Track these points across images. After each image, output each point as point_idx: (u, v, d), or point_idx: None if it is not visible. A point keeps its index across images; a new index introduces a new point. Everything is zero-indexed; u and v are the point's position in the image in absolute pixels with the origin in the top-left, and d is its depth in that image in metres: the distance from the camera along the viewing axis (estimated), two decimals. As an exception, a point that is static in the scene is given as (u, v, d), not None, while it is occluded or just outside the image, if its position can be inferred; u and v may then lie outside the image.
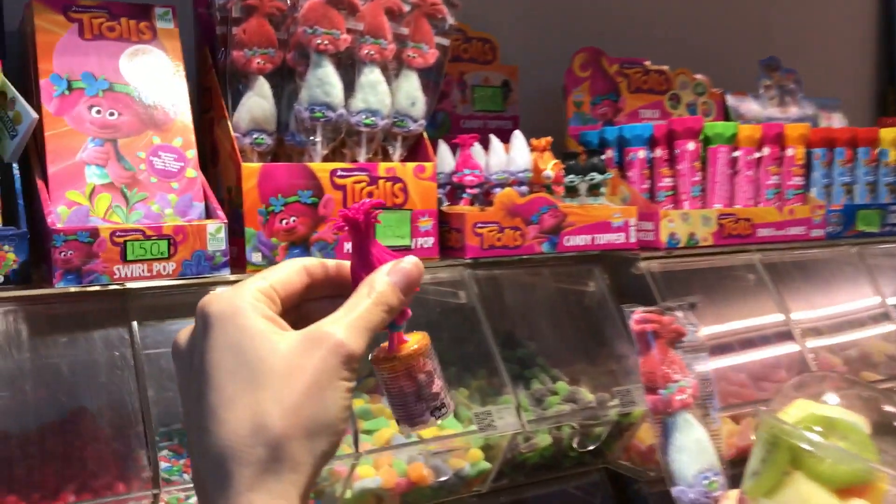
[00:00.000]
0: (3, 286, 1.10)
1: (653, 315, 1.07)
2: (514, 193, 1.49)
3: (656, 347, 1.06)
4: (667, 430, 1.05)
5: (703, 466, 1.03)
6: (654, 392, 1.05)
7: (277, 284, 0.60)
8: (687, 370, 1.07)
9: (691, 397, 1.05)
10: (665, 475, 1.06)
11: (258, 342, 0.55)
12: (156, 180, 1.25)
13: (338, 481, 1.30)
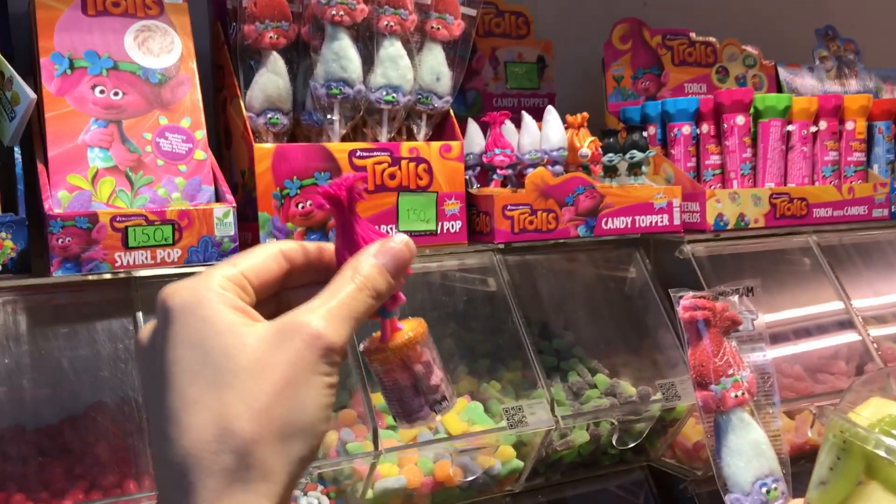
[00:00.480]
0: (1, 275, 1.04)
1: (704, 301, 0.95)
2: (546, 173, 1.39)
3: (708, 337, 0.95)
4: (720, 431, 0.95)
5: (762, 472, 0.92)
6: (706, 388, 0.94)
7: (249, 271, 0.53)
8: (743, 363, 0.96)
9: (748, 393, 0.94)
10: (718, 480, 0.95)
11: (224, 336, 0.48)
12: (163, 163, 1.19)
13: (359, 480, 1.22)
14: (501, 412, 1.24)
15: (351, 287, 0.52)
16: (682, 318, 0.96)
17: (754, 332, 0.98)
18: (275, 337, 0.49)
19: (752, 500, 0.92)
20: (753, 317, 0.99)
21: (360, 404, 1.34)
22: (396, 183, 1.33)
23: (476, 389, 1.44)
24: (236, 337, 0.48)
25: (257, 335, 0.49)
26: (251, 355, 0.48)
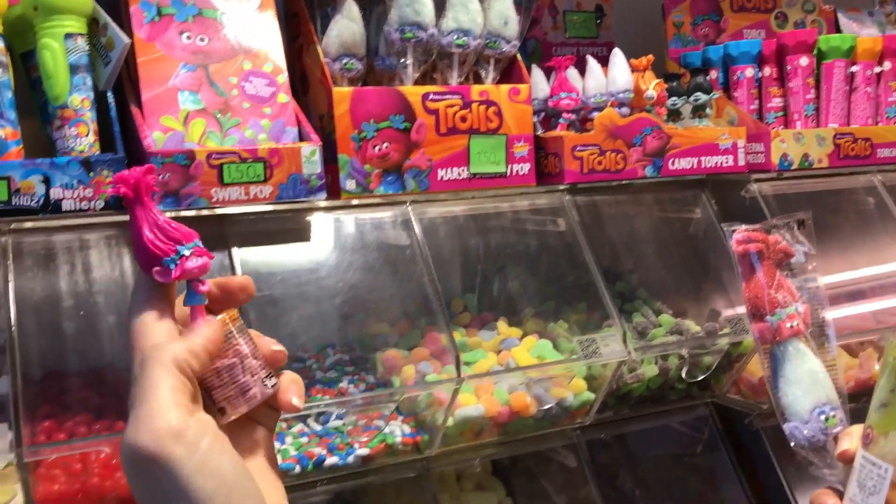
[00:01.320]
0: (103, 211, 1.10)
1: (757, 234, 0.95)
2: (614, 114, 1.42)
3: (762, 270, 0.94)
4: (776, 362, 0.94)
5: (819, 400, 0.92)
6: (761, 319, 0.94)
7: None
8: (797, 294, 0.97)
9: (803, 324, 0.94)
10: (776, 410, 0.95)
11: None
12: (248, 106, 1.23)
13: (438, 410, 1.27)
14: (576, 343, 1.28)
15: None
16: (735, 252, 0.96)
17: (807, 264, 0.98)
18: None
19: (810, 428, 0.92)
20: (806, 249, 0.98)
21: (432, 343, 1.39)
22: (467, 126, 1.36)
23: (543, 329, 1.48)
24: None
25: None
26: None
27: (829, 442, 0.91)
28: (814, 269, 0.99)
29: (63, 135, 1.13)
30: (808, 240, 1.00)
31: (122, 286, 1.15)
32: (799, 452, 0.93)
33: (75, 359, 1.14)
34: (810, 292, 0.98)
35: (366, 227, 1.36)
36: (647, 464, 1.61)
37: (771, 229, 0.98)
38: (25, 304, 1.07)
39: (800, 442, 0.92)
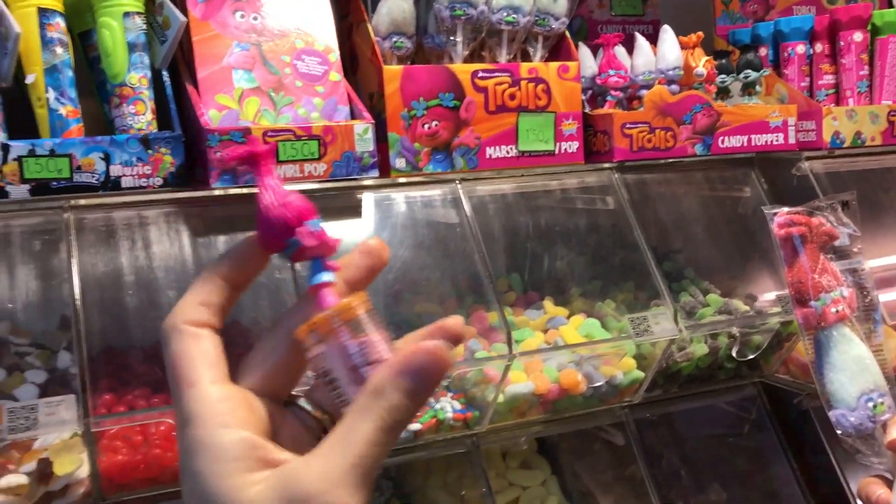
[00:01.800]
0: (162, 188, 1.12)
1: (800, 216, 0.93)
2: (664, 91, 1.41)
3: (805, 253, 0.92)
4: (821, 348, 0.92)
5: (867, 387, 0.90)
6: (805, 304, 0.92)
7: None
8: (841, 278, 0.94)
9: (848, 308, 0.92)
10: (821, 398, 0.93)
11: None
12: (301, 84, 1.24)
13: (487, 386, 1.28)
14: (627, 321, 1.28)
15: (370, 428, 0.41)
16: (777, 235, 0.94)
17: (851, 246, 0.95)
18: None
19: (857, 416, 0.90)
20: (850, 231, 0.96)
21: (478, 321, 1.39)
22: (516, 103, 1.36)
23: (590, 309, 1.48)
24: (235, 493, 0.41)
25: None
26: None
27: (877, 429, 0.89)
28: (859, 251, 0.96)
29: (121, 113, 1.15)
30: (852, 221, 0.97)
31: (181, 261, 1.17)
32: (845, 441, 0.91)
33: (135, 333, 1.16)
34: (856, 275, 0.96)
35: (416, 205, 1.37)
36: (694, 443, 1.60)
37: (814, 211, 0.95)
38: (88, 279, 1.10)
39: (846, 430, 0.89)
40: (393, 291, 1.41)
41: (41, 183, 1.07)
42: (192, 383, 0.45)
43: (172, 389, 0.46)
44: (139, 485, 1.11)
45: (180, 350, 0.46)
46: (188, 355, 0.46)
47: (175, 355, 0.46)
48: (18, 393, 1.17)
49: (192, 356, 0.46)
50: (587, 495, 1.56)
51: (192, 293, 0.48)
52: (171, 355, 0.47)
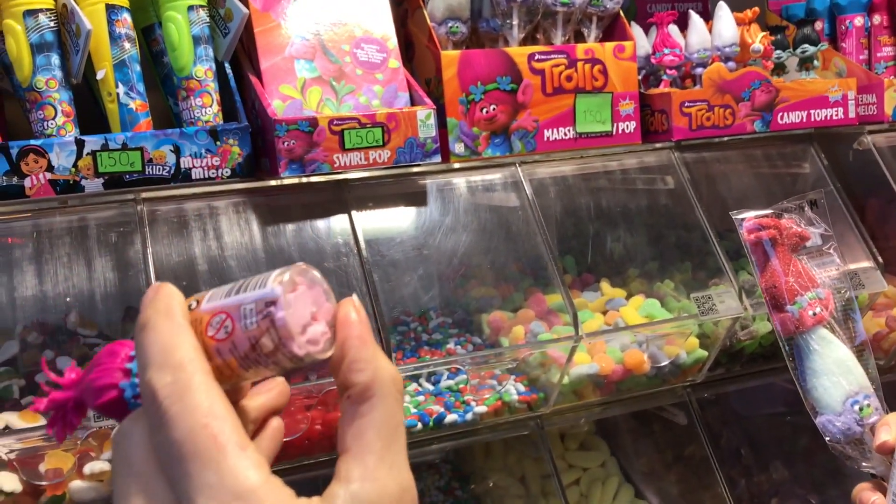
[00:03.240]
0: (230, 179, 1.14)
1: (768, 220, 0.90)
2: (723, 68, 1.39)
3: (777, 257, 0.89)
4: (801, 353, 0.89)
5: (851, 389, 0.86)
6: (782, 309, 0.89)
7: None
8: (816, 280, 0.90)
9: (825, 310, 0.88)
10: (806, 405, 0.90)
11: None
12: (361, 72, 1.25)
13: (552, 367, 1.29)
14: (692, 300, 1.28)
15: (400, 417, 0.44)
16: (747, 241, 0.91)
17: (824, 246, 0.92)
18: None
19: (844, 420, 0.87)
20: (821, 230, 0.93)
21: (536, 304, 1.40)
22: (573, 85, 1.36)
23: (648, 289, 1.47)
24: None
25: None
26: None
27: (865, 433, 0.86)
28: (831, 249, 0.94)
29: (189, 105, 1.16)
30: (822, 220, 0.94)
31: (251, 250, 1.19)
32: (835, 447, 0.87)
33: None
34: (831, 276, 0.93)
35: (476, 190, 1.38)
36: (754, 422, 1.60)
37: (783, 213, 0.91)
38: (163, 268, 1.12)
39: (834, 436, 0.87)
40: (453, 276, 1.42)
41: (114, 176, 1.09)
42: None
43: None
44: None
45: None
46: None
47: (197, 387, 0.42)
48: (91, 383, 1.20)
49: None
50: (647, 475, 1.57)
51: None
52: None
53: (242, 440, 0.40)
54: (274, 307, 0.41)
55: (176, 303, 0.44)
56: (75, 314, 1.32)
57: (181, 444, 0.39)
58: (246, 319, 0.42)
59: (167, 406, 0.40)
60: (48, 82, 1.10)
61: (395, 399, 0.44)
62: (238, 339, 0.42)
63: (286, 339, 0.41)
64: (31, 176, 1.06)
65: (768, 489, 1.55)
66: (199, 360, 0.42)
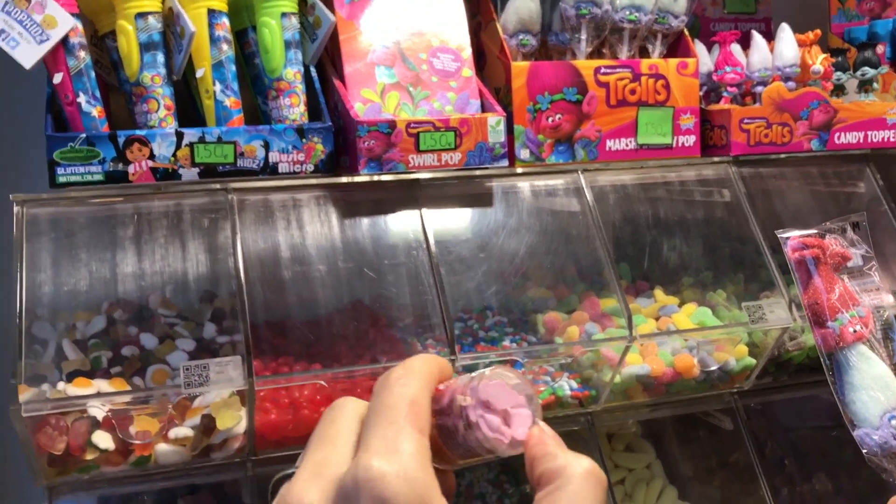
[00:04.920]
0: (313, 174, 1.23)
1: (812, 239, 0.95)
2: (782, 87, 1.44)
3: (819, 275, 0.94)
4: (841, 368, 0.93)
5: (890, 404, 0.90)
6: (823, 325, 0.94)
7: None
8: (857, 298, 0.95)
9: (865, 328, 0.93)
10: (845, 418, 0.94)
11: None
12: (436, 80, 1.33)
13: (604, 366, 1.35)
14: (743, 309, 1.33)
15: (600, 495, 0.46)
16: (791, 259, 0.95)
17: (865, 266, 0.96)
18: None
19: (881, 434, 0.90)
20: (862, 252, 0.96)
21: (591, 307, 1.46)
22: (636, 98, 1.42)
23: (700, 299, 1.52)
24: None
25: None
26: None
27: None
28: (872, 270, 0.97)
29: (278, 105, 1.26)
30: (864, 241, 0.98)
31: (329, 240, 1.28)
32: (872, 460, 0.90)
33: (291, 306, 1.28)
34: (871, 295, 0.96)
35: (539, 194, 1.45)
36: (799, 433, 1.63)
37: (826, 234, 0.96)
38: (249, 253, 1.21)
39: (871, 449, 0.90)
40: (512, 276, 1.49)
41: (209, 167, 1.19)
42: (423, 431, 0.44)
43: (393, 415, 0.44)
44: (287, 442, 1.22)
45: (423, 395, 0.46)
46: (427, 404, 0.46)
47: (418, 393, 0.46)
48: (170, 359, 1.30)
49: (428, 407, 0.46)
50: (691, 479, 1.61)
51: (427, 365, 0.49)
52: (414, 390, 0.46)
53: (426, 429, 0.44)
54: (478, 381, 0.47)
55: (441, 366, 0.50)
56: (157, 295, 1.43)
57: (391, 406, 0.44)
58: (459, 380, 0.48)
59: (395, 380, 0.46)
60: (153, 78, 1.20)
61: (587, 486, 0.44)
62: (446, 393, 0.48)
63: (473, 404, 0.47)
64: (134, 163, 1.16)
65: (811, 499, 1.58)
66: (430, 377, 0.47)
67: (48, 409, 1.09)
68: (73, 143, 1.13)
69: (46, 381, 1.17)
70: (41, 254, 1.24)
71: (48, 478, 1.16)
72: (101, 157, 1.14)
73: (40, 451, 1.12)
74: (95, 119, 1.16)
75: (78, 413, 1.13)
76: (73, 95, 1.15)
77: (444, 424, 0.48)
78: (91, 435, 1.14)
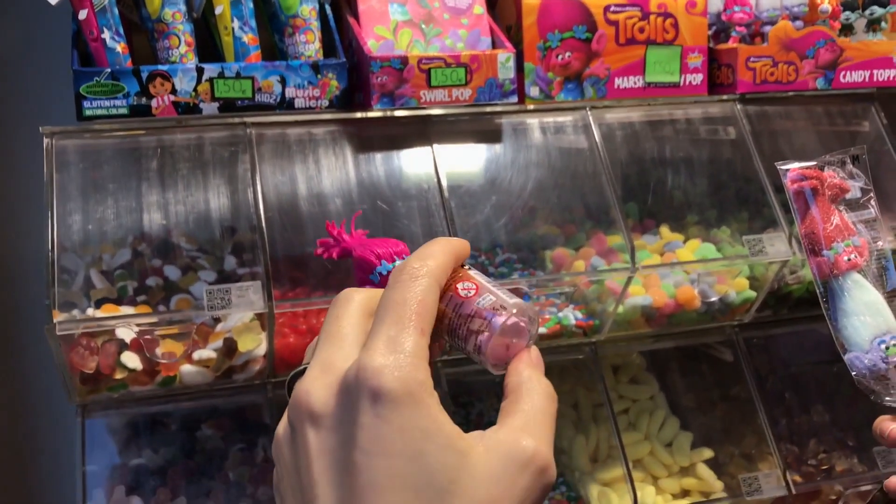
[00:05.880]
0: (328, 109, 1.27)
1: (811, 171, 0.96)
2: (789, 26, 1.46)
3: (816, 206, 0.96)
4: (834, 295, 0.96)
5: (880, 330, 0.93)
6: (818, 254, 0.96)
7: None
8: (853, 228, 0.96)
9: (860, 257, 0.95)
10: (836, 343, 0.97)
11: (447, 455, 0.43)
12: (448, 17, 1.36)
13: (609, 298, 1.40)
14: (744, 242, 1.37)
15: (550, 408, 0.48)
16: (790, 190, 0.97)
17: (862, 198, 0.97)
18: (503, 469, 0.44)
19: (871, 357, 0.92)
20: (860, 183, 0.98)
21: (598, 244, 1.51)
22: (645, 37, 1.45)
23: (706, 235, 1.57)
24: (461, 459, 0.43)
25: (484, 464, 0.43)
26: (480, 489, 0.43)
27: (889, 370, 0.93)
28: (869, 201, 1.00)
29: (294, 41, 1.30)
30: (863, 173, 1.01)
31: (344, 173, 1.33)
32: (860, 382, 0.94)
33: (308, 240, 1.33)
34: (867, 225, 1.00)
35: (548, 131, 1.49)
36: (798, 367, 1.69)
37: (825, 166, 0.99)
38: (268, 185, 1.27)
39: (860, 371, 0.93)
40: (520, 213, 1.54)
41: (228, 101, 1.24)
42: (425, 332, 0.46)
43: (399, 313, 0.46)
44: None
45: (430, 296, 0.48)
46: (433, 304, 0.48)
47: (424, 294, 0.47)
48: (193, 290, 1.36)
49: (434, 307, 0.48)
50: (693, 410, 1.68)
51: (443, 255, 0.51)
52: (420, 291, 0.47)
53: (428, 330, 0.47)
54: (501, 316, 0.50)
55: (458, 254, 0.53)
56: (180, 229, 1.48)
57: (399, 303, 0.46)
58: (483, 301, 0.51)
59: (408, 276, 0.48)
60: (174, 15, 1.24)
61: (544, 396, 0.48)
62: (467, 305, 0.51)
63: (487, 336, 0.50)
64: (157, 97, 1.21)
65: (808, 430, 1.64)
66: (443, 273, 0.50)
67: (80, 328, 1.15)
68: (98, 78, 1.18)
69: (77, 308, 1.23)
70: (70, 186, 1.30)
71: (81, 396, 1.24)
72: (125, 91, 1.19)
73: (73, 369, 1.19)
74: (119, 54, 1.21)
75: (107, 335, 1.20)
76: (97, 31, 1.19)
77: (451, 321, 0.51)
78: (120, 355, 1.21)
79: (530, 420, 0.46)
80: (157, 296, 1.33)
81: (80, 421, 1.29)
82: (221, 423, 1.48)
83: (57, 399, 1.46)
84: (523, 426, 0.45)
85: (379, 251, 0.59)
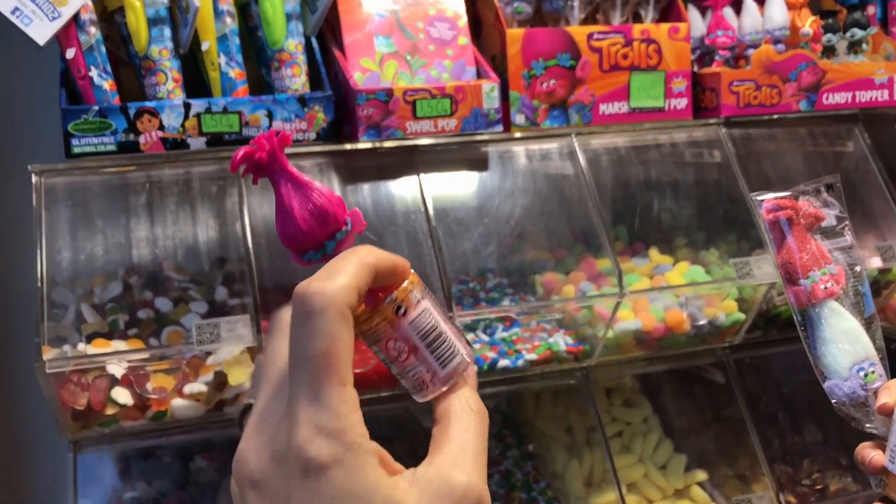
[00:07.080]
0: (315, 141, 1.28)
1: (786, 201, 0.96)
2: (771, 50, 1.48)
3: (792, 235, 0.96)
4: (813, 324, 0.96)
5: (858, 357, 0.93)
6: (795, 283, 0.96)
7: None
8: (829, 257, 0.96)
9: (836, 285, 0.95)
10: (815, 371, 0.97)
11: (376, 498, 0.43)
12: (433, 48, 1.38)
13: (599, 323, 1.41)
14: (731, 265, 1.38)
15: (481, 429, 0.47)
16: (765, 220, 0.98)
17: (838, 226, 0.97)
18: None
19: (850, 385, 0.93)
20: (835, 211, 1.01)
21: (588, 268, 1.52)
22: (629, 63, 1.46)
23: (694, 258, 1.58)
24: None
25: (412, 500, 0.43)
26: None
27: (869, 397, 0.93)
28: (845, 229, 1.02)
29: (280, 75, 1.31)
30: (837, 202, 1.03)
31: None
32: (841, 409, 0.94)
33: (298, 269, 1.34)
34: (843, 253, 1.01)
35: (534, 158, 1.50)
36: (790, 387, 1.69)
37: (799, 195, 1.01)
38: (256, 219, 1.27)
39: (840, 399, 0.93)
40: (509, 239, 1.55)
41: (216, 136, 1.25)
42: (344, 381, 0.43)
43: (312, 371, 0.43)
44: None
45: (338, 336, 0.43)
46: (344, 345, 0.43)
47: (332, 339, 0.43)
48: (184, 321, 1.36)
49: (346, 347, 0.43)
50: (686, 432, 1.68)
51: (352, 275, 0.44)
52: (327, 337, 0.43)
53: (347, 377, 0.44)
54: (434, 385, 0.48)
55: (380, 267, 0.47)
56: (170, 261, 1.49)
57: (310, 360, 0.43)
58: (416, 370, 0.48)
59: (312, 315, 0.43)
60: (161, 52, 1.25)
61: (475, 417, 0.47)
62: (396, 366, 0.48)
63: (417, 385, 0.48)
64: (145, 133, 1.22)
65: (801, 449, 1.65)
66: (353, 293, 0.44)
67: (70, 366, 1.16)
68: (86, 115, 1.19)
69: (67, 343, 1.24)
70: (59, 222, 1.30)
71: (72, 432, 1.24)
72: (113, 128, 1.20)
73: (64, 406, 1.19)
74: (107, 92, 1.22)
75: (98, 371, 1.20)
76: (85, 70, 1.21)
77: (380, 341, 0.47)
78: (111, 391, 1.21)
79: (460, 450, 0.45)
80: (148, 328, 1.34)
81: (71, 457, 1.29)
82: (214, 455, 1.48)
83: (50, 433, 1.46)
84: (453, 459, 0.45)
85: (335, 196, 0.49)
